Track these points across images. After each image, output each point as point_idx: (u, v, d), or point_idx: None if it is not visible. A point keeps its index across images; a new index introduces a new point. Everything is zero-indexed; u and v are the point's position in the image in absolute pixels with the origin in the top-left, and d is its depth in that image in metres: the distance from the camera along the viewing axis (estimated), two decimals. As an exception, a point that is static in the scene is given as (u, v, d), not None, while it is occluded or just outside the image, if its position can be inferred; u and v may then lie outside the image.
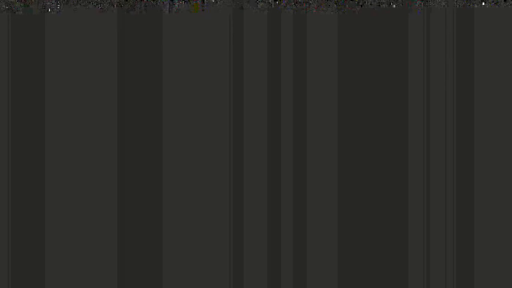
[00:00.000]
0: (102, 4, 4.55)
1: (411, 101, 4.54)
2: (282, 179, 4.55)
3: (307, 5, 4.54)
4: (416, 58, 4.53)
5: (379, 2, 4.55)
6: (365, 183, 4.53)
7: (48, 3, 4.53)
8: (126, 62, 4.57)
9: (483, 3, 4.54)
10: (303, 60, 4.55)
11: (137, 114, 4.57)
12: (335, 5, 4.53)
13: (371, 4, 4.54)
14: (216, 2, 4.56)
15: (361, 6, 4.53)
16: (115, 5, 4.55)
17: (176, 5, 4.56)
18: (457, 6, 4.53)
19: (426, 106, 4.53)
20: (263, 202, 4.55)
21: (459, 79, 4.53)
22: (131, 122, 4.57)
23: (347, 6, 4.52)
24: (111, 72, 4.57)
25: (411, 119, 4.53)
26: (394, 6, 4.53)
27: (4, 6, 4.57)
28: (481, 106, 4.52)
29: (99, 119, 4.57)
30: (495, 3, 4.54)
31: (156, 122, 4.57)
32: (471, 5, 4.53)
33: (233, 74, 4.57)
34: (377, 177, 4.53)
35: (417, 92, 4.53)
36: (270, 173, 4.55)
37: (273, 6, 4.55)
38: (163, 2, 4.54)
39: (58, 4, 4.54)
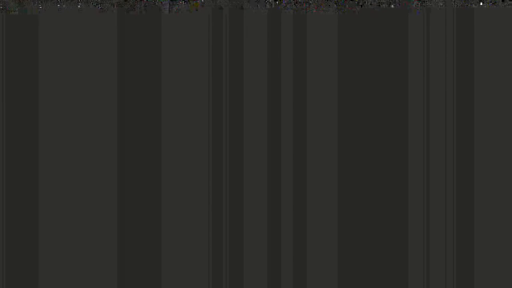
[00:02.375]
0: (102, 4, 4.55)
1: (411, 101, 4.54)
2: (282, 179, 4.55)
3: (307, 5, 4.54)
4: (416, 58, 4.54)
5: (379, 2, 4.55)
6: (365, 183, 4.53)
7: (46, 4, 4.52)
8: (126, 62, 4.56)
9: (481, 3, 4.55)
10: (303, 60, 4.55)
11: (136, 114, 4.56)
12: (335, 5, 4.53)
13: (371, 4, 4.54)
14: (216, 2, 4.56)
15: (361, 6, 4.53)
16: (115, 5, 4.55)
17: (176, 5, 4.55)
18: (455, 6, 4.54)
19: (426, 106, 4.54)
20: (263, 202, 4.55)
21: (459, 79, 4.54)
22: (131, 122, 4.56)
23: (347, 6, 4.52)
24: (111, 72, 4.56)
25: (411, 119, 4.54)
26: (392, 6, 4.54)
27: None
28: (481, 106, 4.53)
29: (98, 119, 4.56)
30: (493, 3, 4.55)
31: (155, 122, 4.56)
32: (469, 5, 4.54)
33: (233, 74, 4.56)
34: (377, 177, 4.53)
35: (417, 92, 4.54)
36: (270, 173, 4.55)
37: (273, 6, 4.55)
38: (161, 2, 4.53)
39: (58, 3, 4.53)
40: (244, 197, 4.55)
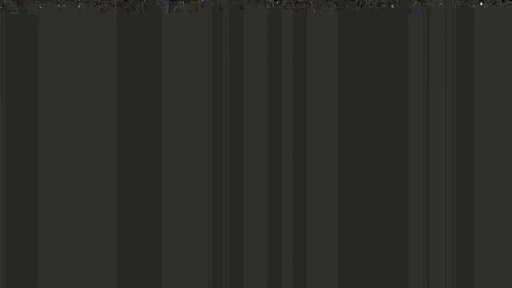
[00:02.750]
0: (102, 4, 4.55)
1: (411, 101, 4.54)
2: (282, 179, 4.55)
3: (307, 5, 4.54)
4: (416, 58, 4.54)
5: (379, 2, 4.55)
6: (365, 183, 4.53)
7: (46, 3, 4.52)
8: (126, 62, 4.56)
9: (481, 3, 4.55)
10: (303, 60, 4.55)
11: (136, 114, 4.56)
12: (335, 5, 4.53)
13: (371, 4, 4.54)
14: (216, 2, 4.56)
15: (361, 6, 4.53)
16: (115, 5, 4.55)
17: (176, 5, 4.56)
18: (455, 6, 4.54)
19: (426, 106, 4.54)
20: (263, 202, 4.55)
21: (459, 79, 4.54)
22: (131, 122, 4.56)
23: (347, 6, 4.52)
24: (111, 72, 4.56)
25: (411, 119, 4.54)
26: (392, 6, 4.54)
27: None
28: (481, 106, 4.53)
29: (99, 119, 4.56)
30: (493, 3, 4.55)
31: (155, 122, 4.56)
32: (469, 5, 4.54)
33: (233, 74, 4.56)
34: (377, 177, 4.53)
35: (417, 92, 4.54)
36: (270, 173, 4.55)
37: (273, 6, 4.55)
38: (161, 2, 4.53)
39: (58, 3, 4.53)
40: (244, 197, 4.55)
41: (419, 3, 4.54)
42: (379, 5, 4.54)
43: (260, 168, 4.55)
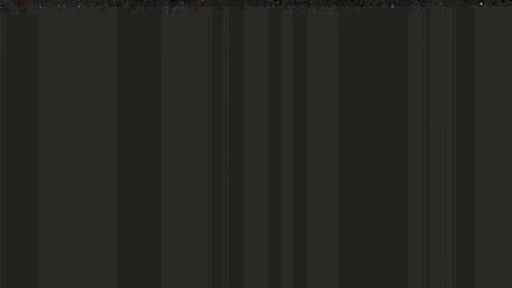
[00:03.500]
0: (102, 4, 4.55)
1: (411, 101, 4.54)
2: (282, 180, 4.55)
3: (307, 5, 4.54)
4: (416, 58, 4.54)
5: (379, 2, 4.55)
6: (365, 183, 4.53)
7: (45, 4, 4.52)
8: (126, 62, 4.56)
9: (481, 3, 4.55)
10: (303, 60, 4.55)
11: (136, 114, 4.56)
12: (335, 5, 4.53)
13: (371, 4, 4.54)
14: (216, 2, 4.56)
15: (361, 6, 4.53)
16: (115, 5, 4.55)
17: (176, 5, 4.56)
18: (455, 6, 4.54)
19: (426, 106, 4.54)
20: (263, 202, 4.55)
21: (459, 79, 4.54)
22: (131, 122, 4.56)
23: (347, 6, 4.52)
24: (111, 72, 4.56)
25: (411, 119, 4.54)
26: (392, 6, 4.54)
27: None
28: (481, 106, 4.53)
29: (98, 119, 4.56)
30: (493, 3, 4.55)
31: (155, 122, 4.56)
32: (469, 5, 4.54)
33: (233, 74, 4.56)
34: (377, 177, 4.53)
35: (417, 92, 4.54)
36: (270, 174, 4.55)
37: (273, 6, 4.55)
38: (161, 2, 4.53)
39: (58, 3, 4.53)
40: (244, 197, 4.55)
41: (419, 3, 4.54)
42: (379, 5, 4.54)
43: (260, 168, 4.55)
